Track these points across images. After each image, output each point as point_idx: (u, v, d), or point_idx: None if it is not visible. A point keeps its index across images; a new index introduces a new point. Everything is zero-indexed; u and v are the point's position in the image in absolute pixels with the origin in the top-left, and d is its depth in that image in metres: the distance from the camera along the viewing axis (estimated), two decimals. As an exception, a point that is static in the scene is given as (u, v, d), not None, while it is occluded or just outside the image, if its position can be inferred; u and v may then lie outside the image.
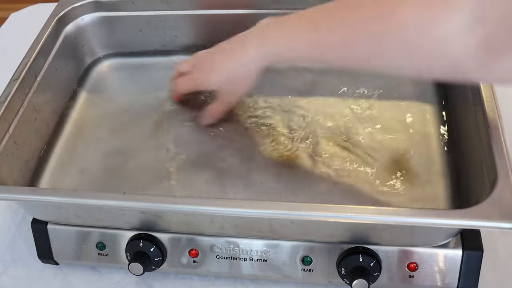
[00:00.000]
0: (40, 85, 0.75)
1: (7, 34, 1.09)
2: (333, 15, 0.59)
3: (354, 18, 0.56)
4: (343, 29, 0.58)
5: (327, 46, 0.60)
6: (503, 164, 0.56)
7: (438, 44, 0.49)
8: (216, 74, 0.71)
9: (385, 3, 0.53)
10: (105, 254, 0.66)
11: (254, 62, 0.67)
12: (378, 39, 0.54)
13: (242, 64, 0.68)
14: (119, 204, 0.59)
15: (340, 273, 0.61)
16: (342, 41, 0.58)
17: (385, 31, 0.53)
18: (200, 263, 0.65)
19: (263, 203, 0.58)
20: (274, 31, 0.65)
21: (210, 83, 0.73)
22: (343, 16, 0.58)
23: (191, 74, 0.75)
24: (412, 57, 0.53)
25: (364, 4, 0.56)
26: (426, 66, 0.53)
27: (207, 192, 0.68)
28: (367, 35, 0.55)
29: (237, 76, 0.70)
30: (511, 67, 0.46)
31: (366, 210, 0.56)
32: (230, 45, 0.71)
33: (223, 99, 0.74)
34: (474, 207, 0.54)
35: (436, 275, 0.61)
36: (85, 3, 0.85)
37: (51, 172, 0.73)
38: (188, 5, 0.85)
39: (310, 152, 0.72)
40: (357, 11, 0.56)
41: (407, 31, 0.51)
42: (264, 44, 0.66)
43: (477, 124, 0.63)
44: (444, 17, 0.48)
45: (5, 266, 0.71)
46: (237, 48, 0.69)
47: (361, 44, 0.56)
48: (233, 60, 0.69)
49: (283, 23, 0.65)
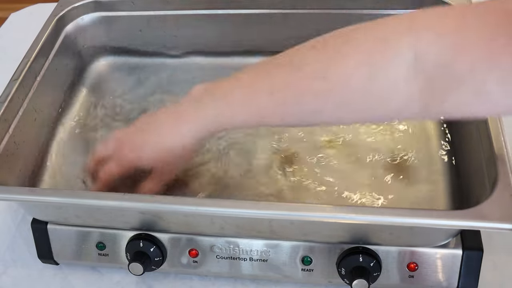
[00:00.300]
0: (40, 85, 0.75)
1: (7, 34, 1.09)
2: (271, 75, 0.56)
3: (295, 77, 0.54)
4: (285, 90, 0.54)
5: (268, 110, 0.56)
6: (503, 164, 0.56)
7: (384, 95, 0.50)
8: (147, 151, 0.63)
9: (327, 60, 0.52)
10: (105, 254, 0.66)
11: (191, 135, 0.61)
12: (323, 95, 0.52)
13: (177, 139, 0.62)
14: (119, 204, 0.59)
15: (340, 273, 0.61)
16: (284, 102, 0.55)
17: (331, 86, 0.52)
18: (200, 263, 0.65)
19: (263, 203, 0.58)
20: (208, 102, 0.59)
21: (142, 162, 0.65)
22: (283, 76, 0.55)
23: (117, 157, 0.65)
24: (358, 108, 0.53)
25: (304, 62, 0.54)
26: (373, 114, 0.53)
27: (208, 192, 0.68)
28: (311, 93, 0.53)
29: (172, 152, 0.62)
30: (452, 106, 0.48)
31: (366, 210, 0.56)
32: (160, 119, 0.64)
33: (159, 177, 0.66)
34: (474, 208, 0.54)
35: (436, 275, 0.61)
36: (85, 3, 0.85)
37: (51, 173, 0.73)
38: (188, 5, 0.85)
39: (310, 153, 0.72)
40: (298, 70, 0.54)
41: (351, 86, 0.51)
42: (200, 114, 0.60)
43: (477, 124, 0.63)
44: (388, 66, 0.50)
45: (5, 266, 0.71)
46: (168, 123, 0.63)
47: (306, 103, 0.54)
48: (165, 135, 0.62)
49: (217, 91, 0.59)
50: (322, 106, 0.53)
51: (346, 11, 0.82)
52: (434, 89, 0.48)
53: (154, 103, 0.81)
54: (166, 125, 0.62)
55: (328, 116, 0.54)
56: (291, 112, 0.55)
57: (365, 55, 0.51)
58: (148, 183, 0.66)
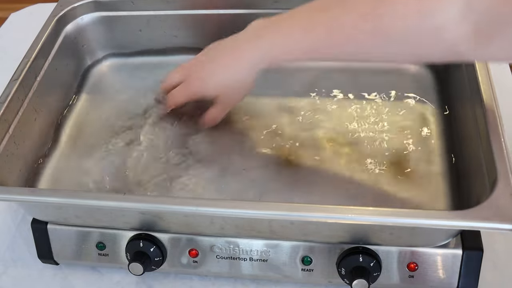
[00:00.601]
0: (40, 85, 0.75)
1: (7, 34, 1.09)
2: (330, 12, 0.58)
3: (352, 15, 0.57)
4: (340, 30, 0.58)
5: (326, 45, 0.60)
6: (503, 164, 0.56)
7: (436, 32, 0.52)
8: (213, 81, 0.69)
9: (379, 1, 0.55)
10: (105, 254, 0.66)
11: (251, 66, 0.66)
12: (378, 33, 0.55)
13: (239, 70, 0.67)
14: (119, 205, 0.59)
15: (340, 273, 0.61)
16: (341, 39, 0.58)
17: (385, 25, 0.54)
18: (200, 263, 0.65)
19: (263, 204, 0.58)
20: (268, 34, 0.64)
21: (208, 91, 0.71)
22: (340, 13, 0.58)
23: (186, 84, 0.72)
24: (412, 46, 0.55)
25: (357, 2, 0.56)
26: (425, 52, 0.56)
27: (207, 192, 0.68)
28: (367, 31, 0.56)
29: (235, 82, 0.68)
30: (500, 49, 0.51)
31: (366, 211, 0.56)
32: (222, 51, 0.69)
33: (223, 104, 0.72)
34: (474, 208, 0.54)
35: (436, 275, 0.61)
36: (84, 3, 0.85)
37: (51, 173, 0.73)
38: (188, 5, 0.85)
39: (310, 152, 0.72)
40: (354, 8, 0.56)
41: (406, 23, 0.53)
42: (259, 47, 0.64)
43: (477, 124, 0.63)
44: (440, 7, 0.51)
45: (5, 266, 0.71)
46: (230, 53, 0.67)
47: (362, 40, 0.57)
48: (228, 66, 0.68)
49: (277, 24, 0.64)
50: (374, 44, 0.56)
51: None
52: (482, 31, 0.50)
53: (154, 103, 0.81)
54: (227, 56, 0.67)
55: (379, 54, 0.58)
56: (345, 50, 0.59)
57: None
58: (212, 110, 0.73)
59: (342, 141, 0.73)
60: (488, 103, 0.63)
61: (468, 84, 0.68)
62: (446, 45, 0.53)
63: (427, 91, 0.79)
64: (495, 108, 0.62)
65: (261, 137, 0.75)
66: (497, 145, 0.58)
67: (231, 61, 0.67)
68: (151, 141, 0.76)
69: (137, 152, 0.74)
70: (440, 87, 0.79)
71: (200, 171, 0.71)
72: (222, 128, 0.76)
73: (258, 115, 0.78)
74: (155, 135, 0.76)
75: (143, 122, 0.78)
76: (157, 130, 0.77)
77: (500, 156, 0.57)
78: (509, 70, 0.89)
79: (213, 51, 0.71)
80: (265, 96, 0.80)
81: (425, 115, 0.75)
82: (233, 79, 0.68)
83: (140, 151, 0.74)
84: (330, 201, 0.67)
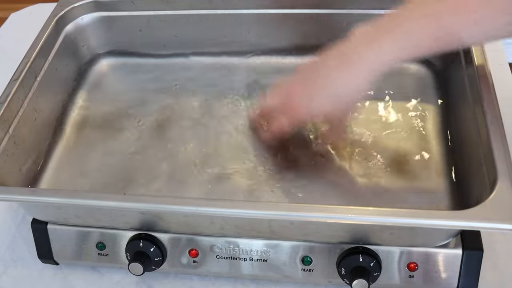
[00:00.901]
0: (40, 85, 0.75)
1: (7, 34, 1.09)
2: (426, 22, 0.58)
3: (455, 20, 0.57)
4: (447, 34, 0.57)
5: (427, 47, 0.59)
6: (503, 164, 0.56)
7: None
8: (319, 104, 0.63)
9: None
10: (105, 254, 0.66)
11: (363, 78, 0.61)
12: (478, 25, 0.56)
13: (351, 85, 0.62)
14: (119, 205, 0.59)
15: (340, 273, 0.61)
16: (445, 42, 0.58)
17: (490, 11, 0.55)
18: (200, 263, 0.65)
19: (263, 204, 0.58)
20: (385, 37, 0.60)
21: (314, 115, 0.65)
22: (442, 19, 0.57)
23: (287, 112, 0.65)
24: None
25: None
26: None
27: (207, 192, 0.68)
28: (465, 29, 0.57)
29: (346, 99, 0.63)
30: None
31: (366, 211, 0.56)
32: (326, 69, 0.63)
33: (340, 126, 0.68)
34: (474, 208, 0.54)
35: (436, 275, 0.61)
36: (84, 3, 0.85)
37: (51, 173, 0.73)
38: (188, 5, 0.85)
39: (310, 152, 0.72)
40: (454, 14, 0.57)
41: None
42: (376, 54, 0.60)
43: (477, 124, 0.63)
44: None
45: (5, 266, 0.71)
46: (338, 69, 0.62)
47: (461, 37, 0.57)
48: (338, 83, 0.62)
49: (383, 33, 0.60)
50: (472, 33, 0.57)
51: (346, 11, 0.82)
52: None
53: (154, 103, 0.81)
54: (336, 71, 0.62)
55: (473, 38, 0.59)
56: (447, 46, 0.59)
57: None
58: (333, 131, 0.69)
59: (341, 141, 0.73)
60: (488, 103, 0.63)
61: (468, 84, 0.68)
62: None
63: (427, 91, 0.79)
64: (495, 108, 0.62)
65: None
66: (497, 145, 0.58)
67: (340, 76, 0.62)
68: (150, 141, 0.76)
69: (137, 152, 0.74)
70: (440, 87, 0.79)
71: (200, 172, 0.71)
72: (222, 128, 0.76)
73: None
74: (155, 135, 0.77)
75: (143, 122, 0.78)
76: (156, 130, 0.77)
77: (500, 156, 0.57)
78: (509, 70, 0.89)
79: (315, 67, 0.64)
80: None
81: (425, 115, 0.75)
82: (344, 95, 0.62)
83: (140, 151, 0.74)
84: (330, 201, 0.67)
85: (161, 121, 0.78)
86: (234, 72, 0.85)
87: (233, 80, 0.84)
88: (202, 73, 0.86)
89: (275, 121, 0.67)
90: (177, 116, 0.79)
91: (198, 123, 0.78)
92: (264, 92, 0.72)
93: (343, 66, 0.61)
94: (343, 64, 0.62)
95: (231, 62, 0.86)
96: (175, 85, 0.84)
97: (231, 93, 0.81)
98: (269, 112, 0.68)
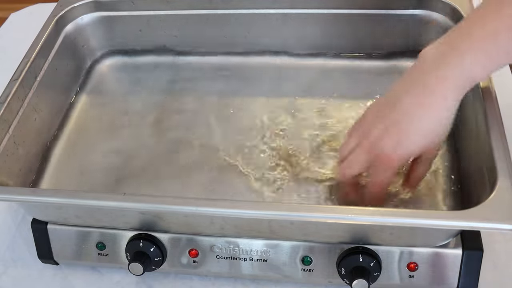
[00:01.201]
0: (40, 85, 0.75)
1: (7, 34, 1.09)
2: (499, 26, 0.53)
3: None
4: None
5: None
6: (503, 164, 0.56)
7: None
8: (411, 146, 0.58)
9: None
10: (105, 254, 0.66)
11: (451, 104, 0.56)
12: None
13: (441, 116, 0.56)
14: (119, 205, 0.59)
15: (340, 273, 0.61)
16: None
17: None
18: (200, 263, 0.65)
19: (263, 204, 0.58)
20: (455, 62, 0.55)
21: (409, 157, 0.60)
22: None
23: (380, 166, 0.59)
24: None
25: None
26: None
27: (207, 192, 0.69)
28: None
29: (437, 132, 0.57)
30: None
31: (366, 211, 0.56)
32: (405, 107, 0.57)
33: (427, 159, 0.62)
34: (474, 208, 0.54)
35: (436, 275, 0.61)
36: (84, 3, 0.85)
37: (51, 173, 0.73)
38: (188, 5, 0.85)
39: (309, 152, 0.72)
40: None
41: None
42: (452, 79, 0.55)
43: (477, 124, 0.63)
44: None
45: (5, 266, 0.71)
46: (421, 103, 0.56)
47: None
48: (426, 119, 0.56)
49: (455, 50, 0.55)
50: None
51: (346, 11, 0.82)
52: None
53: (154, 103, 0.81)
54: (420, 107, 0.56)
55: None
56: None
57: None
58: (420, 168, 0.63)
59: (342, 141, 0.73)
60: (488, 103, 0.63)
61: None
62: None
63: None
64: (495, 108, 0.62)
65: (261, 137, 0.75)
66: (497, 145, 0.58)
67: (426, 111, 0.56)
68: (150, 141, 0.76)
69: (137, 152, 0.74)
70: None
71: (200, 172, 0.71)
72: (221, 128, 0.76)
73: (258, 115, 0.78)
74: (155, 135, 0.77)
75: (143, 122, 0.78)
76: (156, 130, 0.77)
77: (500, 156, 0.57)
78: (509, 70, 0.89)
79: (391, 109, 0.58)
80: (265, 96, 0.80)
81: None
82: (434, 129, 0.57)
83: (140, 151, 0.74)
84: (330, 201, 0.67)
85: (161, 120, 0.78)
86: (234, 72, 0.85)
87: (233, 80, 0.84)
88: (202, 73, 0.86)
89: (372, 179, 0.61)
90: (177, 116, 0.79)
91: (198, 123, 0.78)
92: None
93: (424, 99, 0.56)
94: (424, 97, 0.56)
95: (231, 62, 0.86)
96: (175, 85, 0.84)
97: (231, 93, 0.81)
98: (360, 173, 0.62)
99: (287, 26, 0.84)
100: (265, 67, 0.85)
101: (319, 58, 0.85)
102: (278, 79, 0.83)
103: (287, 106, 0.79)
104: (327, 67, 0.84)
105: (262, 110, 0.78)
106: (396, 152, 0.58)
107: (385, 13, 0.81)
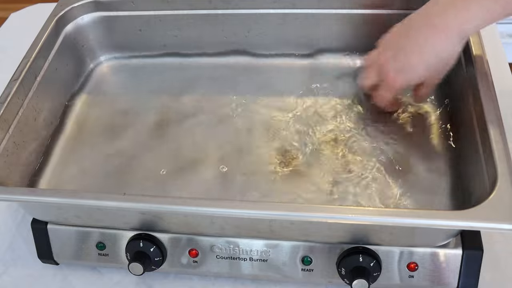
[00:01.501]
0: (40, 85, 0.75)
1: (7, 34, 1.09)
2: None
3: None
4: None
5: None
6: (503, 164, 0.56)
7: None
8: (417, 70, 0.67)
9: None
10: (105, 254, 0.66)
11: (458, 37, 0.63)
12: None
13: (448, 48, 0.64)
14: (119, 205, 0.59)
15: (340, 273, 0.61)
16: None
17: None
18: (200, 263, 0.65)
19: (263, 204, 0.58)
20: (471, 2, 0.61)
21: (412, 80, 0.69)
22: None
23: (385, 84, 0.70)
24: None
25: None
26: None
27: (207, 192, 0.69)
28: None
29: (442, 62, 0.66)
30: None
31: (366, 211, 0.56)
32: (417, 36, 0.65)
33: (431, 84, 0.70)
34: (474, 208, 0.54)
35: (436, 275, 0.61)
36: (84, 3, 0.85)
37: (51, 173, 0.73)
38: (188, 5, 0.85)
39: (309, 152, 0.72)
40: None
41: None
42: (464, 18, 0.62)
43: (477, 124, 0.63)
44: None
45: (5, 266, 0.71)
46: (432, 35, 0.64)
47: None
48: (434, 48, 0.64)
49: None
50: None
51: (346, 11, 0.82)
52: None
53: (154, 103, 0.81)
54: (427, 38, 0.64)
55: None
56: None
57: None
58: (423, 90, 0.72)
59: (342, 141, 0.73)
60: (488, 103, 0.63)
61: (468, 84, 0.68)
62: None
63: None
64: (495, 108, 0.62)
65: (262, 137, 0.75)
66: (497, 145, 0.58)
67: (435, 41, 0.64)
68: (150, 142, 0.76)
69: (137, 152, 0.74)
70: (440, 87, 0.78)
71: (200, 172, 0.71)
72: (220, 128, 0.76)
73: (256, 115, 0.78)
74: (155, 136, 0.77)
75: (143, 122, 0.78)
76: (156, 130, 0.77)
77: (500, 156, 0.57)
78: (509, 70, 0.89)
79: (398, 38, 0.68)
80: (264, 96, 0.80)
81: (425, 115, 0.75)
82: (440, 59, 0.65)
83: (140, 151, 0.74)
84: (330, 201, 0.67)
85: (161, 121, 0.78)
86: (234, 72, 0.85)
87: (233, 80, 0.84)
88: (202, 73, 0.86)
89: (376, 96, 0.73)
90: (177, 116, 0.79)
91: (199, 123, 0.78)
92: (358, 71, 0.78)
93: (434, 33, 0.64)
94: (433, 30, 0.64)
95: (231, 62, 0.86)
96: (175, 85, 0.84)
97: (231, 93, 0.81)
98: (372, 86, 0.73)
99: (287, 26, 0.84)
100: (265, 67, 0.85)
101: (319, 58, 0.85)
102: (279, 79, 0.83)
103: (288, 105, 0.79)
104: (327, 67, 0.84)
105: (263, 109, 0.78)
106: (398, 76, 0.68)
107: (386, 13, 0.82)
